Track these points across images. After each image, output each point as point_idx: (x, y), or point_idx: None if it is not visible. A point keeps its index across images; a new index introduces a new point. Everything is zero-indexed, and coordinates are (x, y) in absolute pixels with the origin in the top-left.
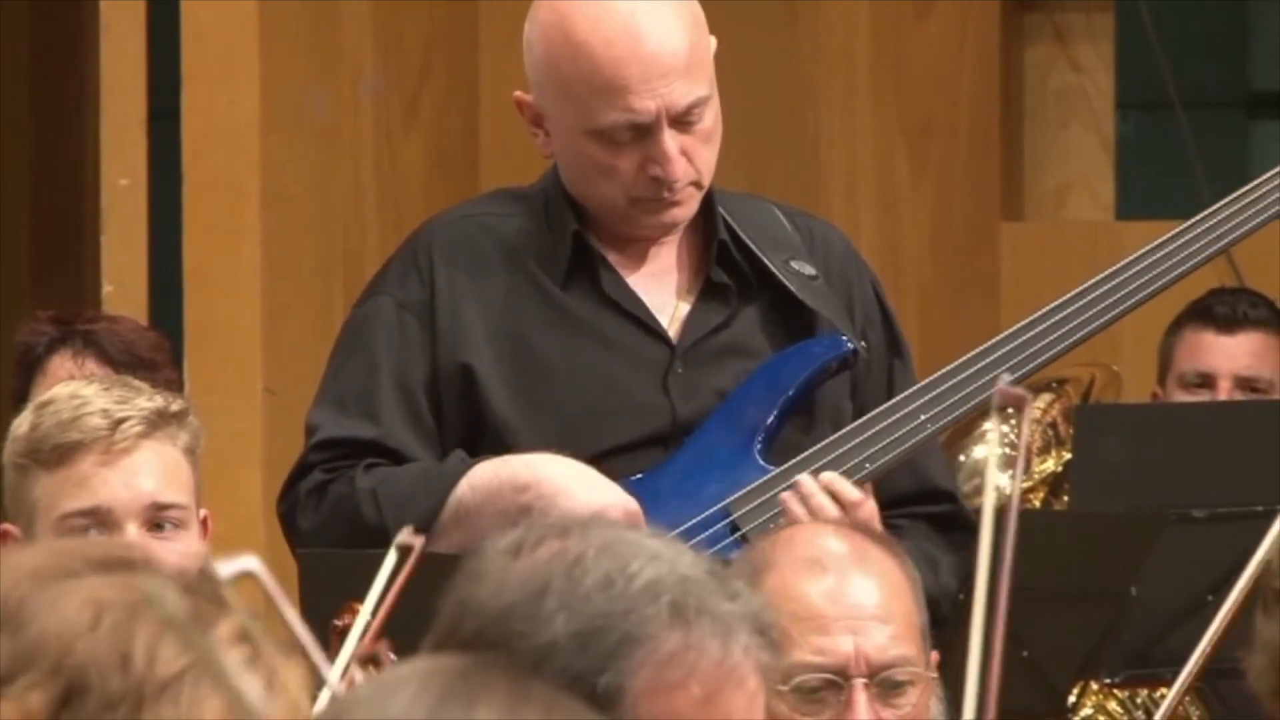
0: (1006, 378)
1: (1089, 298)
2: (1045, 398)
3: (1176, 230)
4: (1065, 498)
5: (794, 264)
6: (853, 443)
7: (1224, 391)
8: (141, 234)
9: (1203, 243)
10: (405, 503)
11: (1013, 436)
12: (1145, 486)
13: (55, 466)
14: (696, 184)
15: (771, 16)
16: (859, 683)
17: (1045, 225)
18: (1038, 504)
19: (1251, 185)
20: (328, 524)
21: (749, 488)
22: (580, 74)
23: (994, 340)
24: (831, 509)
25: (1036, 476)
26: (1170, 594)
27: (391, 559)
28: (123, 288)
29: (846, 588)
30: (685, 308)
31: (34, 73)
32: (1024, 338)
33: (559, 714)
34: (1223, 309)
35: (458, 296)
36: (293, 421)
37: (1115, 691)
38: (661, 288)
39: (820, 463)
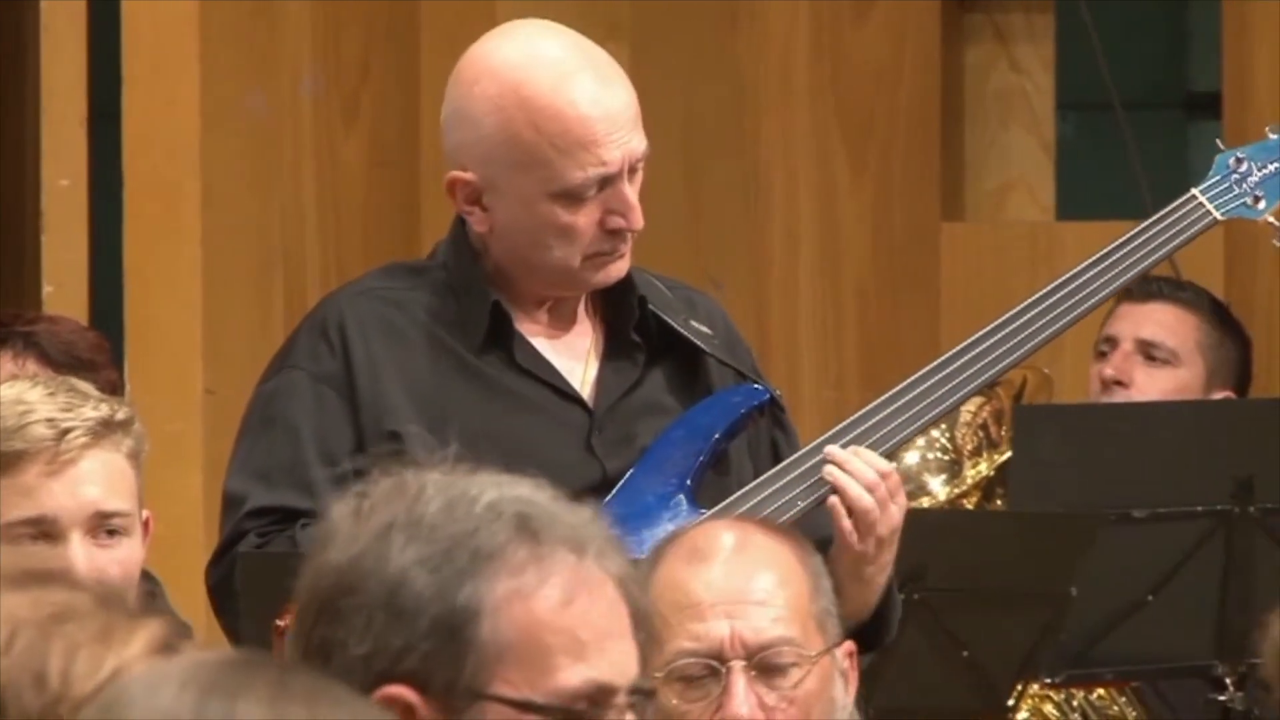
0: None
1: (1030, 314)
2: (975, 400)
3: (1111, 246)
4: (999, 501)
5: (694, 323)
6: (788, 478)
7: (1122, 354)
8: (82, 234)
9: (1137, 257)
10: None
11: (943, 440)
12: (1084, 487)
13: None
14: (635, 232)
15: (711, 17)
16: (736, 665)
17: (985, 226)
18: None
19: (1174, 205)
20: (227, 604)
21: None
22: (546, 137)
23: (930, 367)
24: (870, 475)
25: (969, 481)
26: (1109, 594)
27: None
28: (63, 288)
29: (724, 575)
30: (594, 369)
31: None
32: (952, 367)
33: (322, 707)
34: (1143, 284)
35: (377, 366)
36: (232, 422)
37: (1052, 694)
38: (569, 350)
39: (751, 503)
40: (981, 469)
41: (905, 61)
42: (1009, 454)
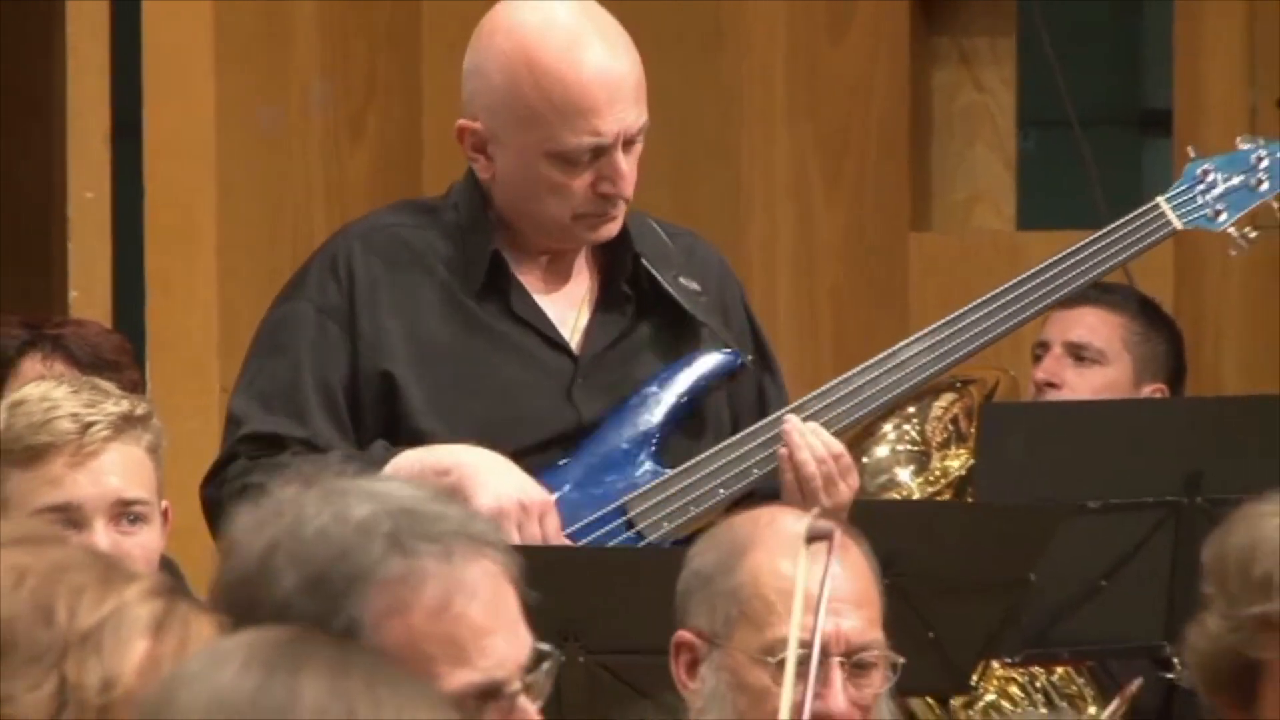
0: (815, 514)
1: (985, 310)
2: (948, 396)
3: (1073, 248)
4: (969, 497)
5: (682, 279)
6: (747, 447)
7: (1053, 357)
8: (105, 242)
9: (1096, 260)
10: None
11: (913, 433)
12: (1045, 481)
13: (27, 465)
14: (629, 198)
15: (698, 39)
16: (836, 661)
17: (951, 236)
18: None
19: (1137, 212)
20: (217, 512)
21: (644, 488)
22: (547, 99)
23: (892, 349)
24: (821, 449)
25: (941, 479)
26: (1066, 580)
27: None
28: (88, 293)
29: (832, 572)
30: (585, 319)
31: (4, 91)
32: (918, 349)
33: (380, 681)
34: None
35: (378, 305)
36: None
37: (1017, 675)
38: (565, 299)
39: (712, 467)
40: (950, 463)
41: (877, 82)
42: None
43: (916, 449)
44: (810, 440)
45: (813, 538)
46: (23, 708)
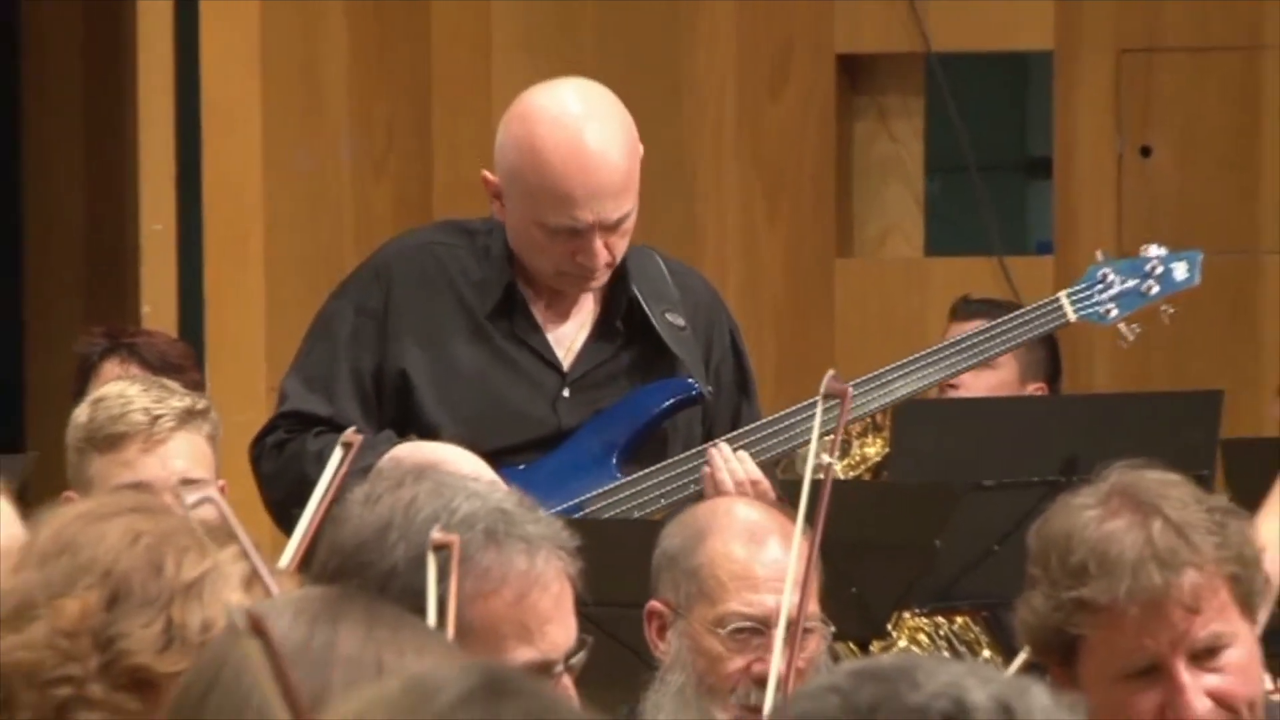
0: (832, 372)
1: (904, 371)
2: None
3: (985, 328)
4: (884, 475)
5: (669, 315)
6: (688, 465)
7: None
8: (171, 266)
9: (1002, 338)
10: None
11: (832, 425)
12: (948, 464)
13: (106, 451)
14: (610, 264)
15: (661, 94)
16: (776, 633)
17: (870, 261)
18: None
19: (1041, 303)
20: (282, 472)
21: (600, 489)
22: (537, 182)
23: (812, 400)
24: (741, 474)
25: (861, 464)
26: (966, 545)
27: (338, 454)
28: (157, 308)
29: (773, 556)
30: (580, 343)
31: (88, 138)
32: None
33: (406, 629)
34: (964, 304)
35: (406, 312)
36: None
37: (925, 624)
38: (567, 324)
39: (658, 479)
40: (868, 450)
41: (809, 133)
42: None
43: (840, 438)
44: (733, 466)
45: (828, 395)
46: (136, 642)
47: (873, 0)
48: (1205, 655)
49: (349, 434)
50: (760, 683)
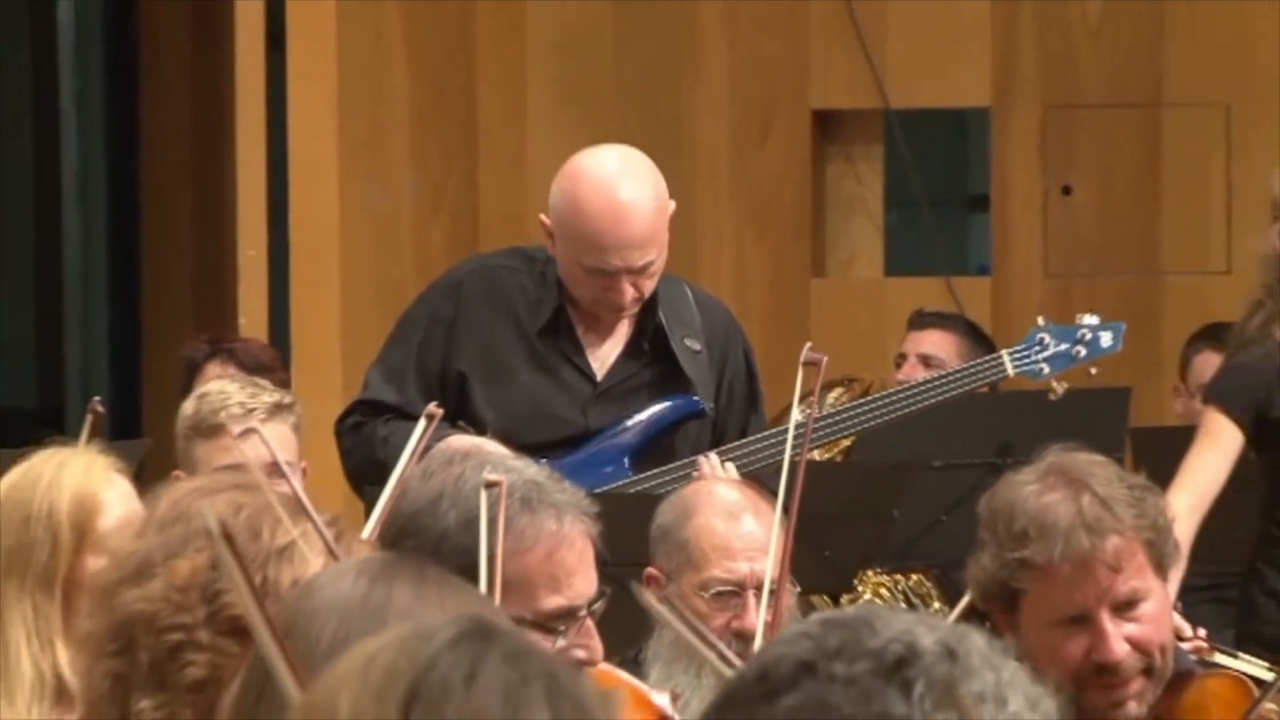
0: (809, 344)
1: (867, 408)
2: (839, 389)
3: (937, 376)
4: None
5: (687, 341)
6: (684, 471)
7: (910, 364)
8: (263, 284)
9: (951, 385)
10: (401, 448)
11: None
12: (906, 447)
13: (209, 438)
14: (638, 300)
15: (668, 144)
16: (751, 594)
17: (839, 280)
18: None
19: (987, 358)
20: (355, 450)
21: (613, 485)
22: (577, 230)
23: (794, 423)
24: (724, 477)
25: (834, 447)
26: (919, 515)
27: (421, 424)
28: (251, 319)
29: (750, 530)
30: (613, 359)
31: (195, 179)
32: (832, 419)
33: (449, 588)
34: (921, 316)
35: (470, 322)
36: None
37: (885, 581)
38: (605, 343)
39: (659, 480)
40: (843, 441)
41: (789, 175)
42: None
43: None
44: (718, 474)
45: (806, 362)
46: (245, 600)
47: (841, 64)
48: (1125, 607)
49: (432, 407)
50: (739, 636)
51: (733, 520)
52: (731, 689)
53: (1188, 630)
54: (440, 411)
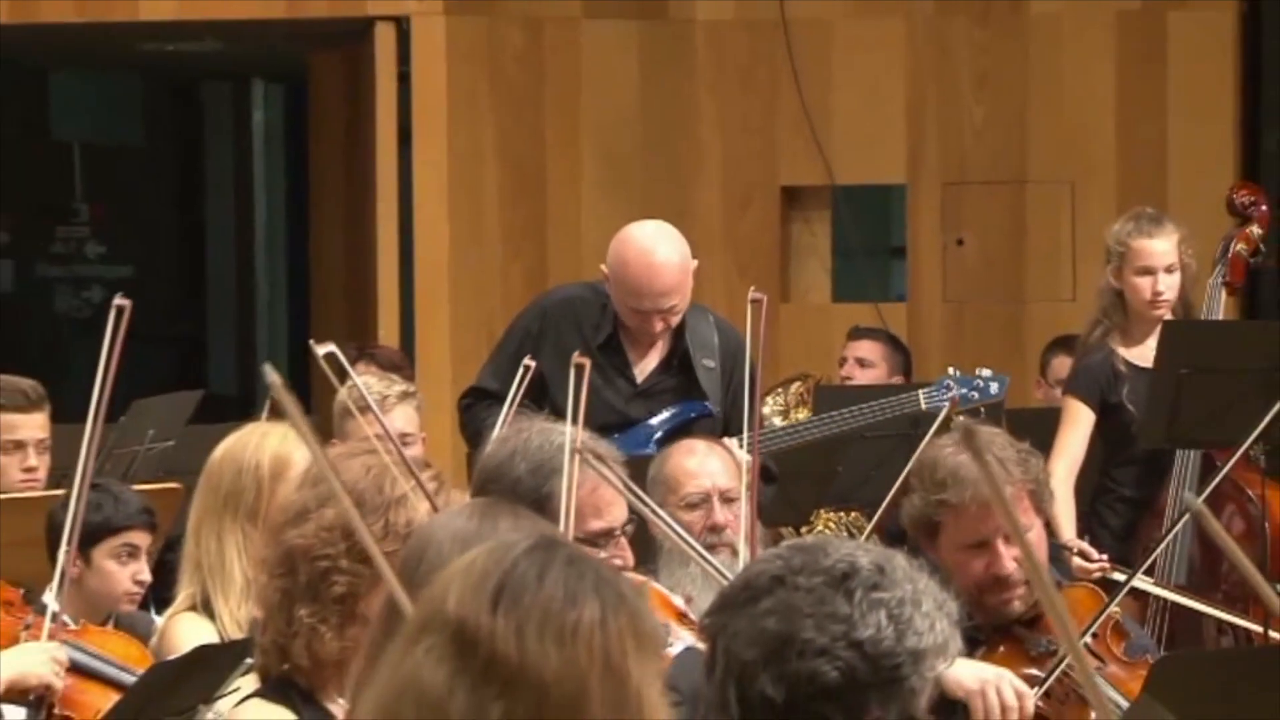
0: (753, 288)
1: (821, 424)
2: (797, 383)
3: (865, 405)
4: None
5: (705, 360)
6: None
7: (848, 366)
8: (395, 310)
9: (874, 411)
10: (492, 426)
11: (780, 401)
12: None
13: (356, 418)
14: (666, 330)
15: (671, 206)
16: (716, 499)
17: (799, 305)
18: None
19: (906, 395)
20: (466, 424)
21: (640, 456)
22: (622, 281)
23: (778, 427)
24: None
25: (797, 423)
26: (857, 469)
27: (573, 374)
28: (388, 333)
29: (704, 455)
30: (650, 370)
31: (347, 233)
32: (799, 429)
33: (529, 519)
34: (856, 330)
35: (550, 337)
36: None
37: (832, 517)
38: (645, 358)
39: None
40: (798, 416)
41: (765, 232)
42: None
43: (781, 409)
44: (735, 453)
45: (753, 300)
46: (364, 539)
47: (799, 154)
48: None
49: (578, 357)
50: (712, 529)
51: (693, 454)
52: (724, 594)
53: (1094, 554)
54: (588, 362)
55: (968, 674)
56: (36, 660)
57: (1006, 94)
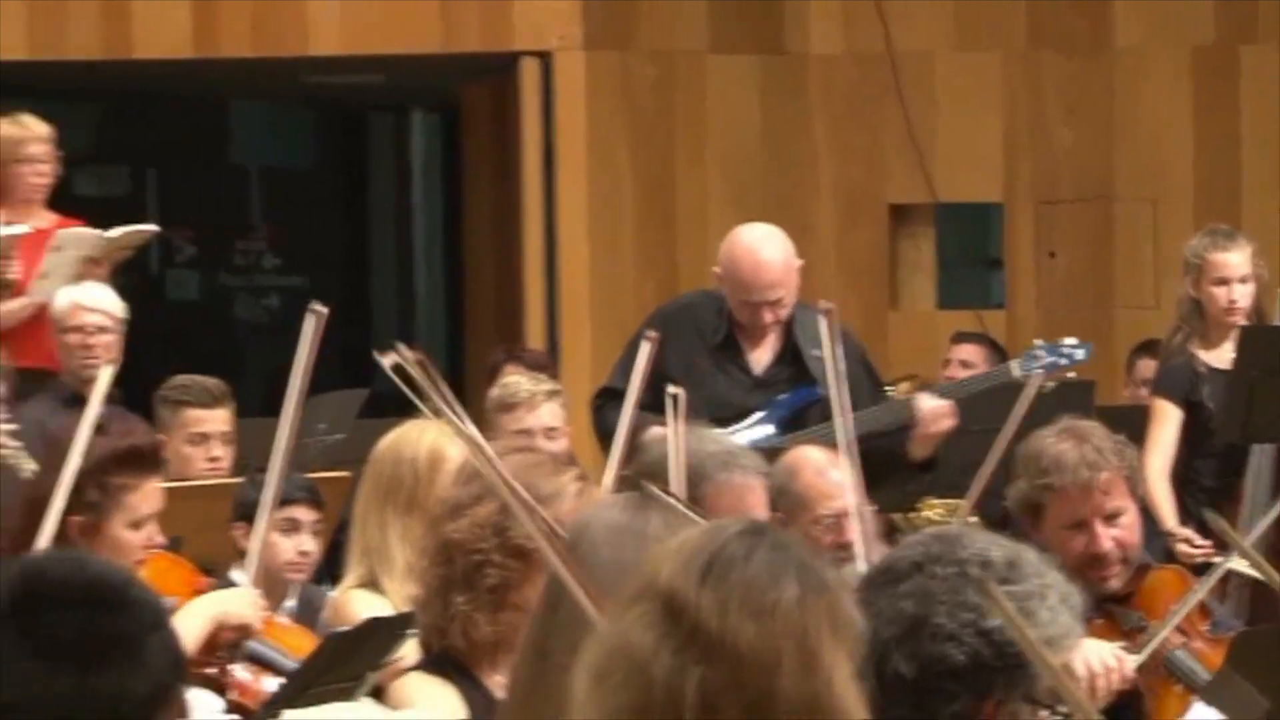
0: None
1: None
2: (905, 383)
3: (974, 376)
4: None
5: (814, 351)
6: (820, 431)
7: (952, 366)
8: (541, 316)
9: (979, 382)
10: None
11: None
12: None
13: (508, 412)
14: (776, 322)
15: (791, 223)
16: (849, 519)
17: (906, 312)
18: None
19: (999, 368)
20: (597, 423)
21: (764, 446)
22: (734, 277)
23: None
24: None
25: None
26: (962, 461)
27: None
28: (534, 338)
29: (839, 479)
30: (765, 363)
31: (497, 249)
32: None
33: (679, 513)
34: (957, 334)
35: (673, 339)
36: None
37: (938, 504)
38: (760, 352)
39: (805, 438)
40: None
41: (874, 246)
42: None
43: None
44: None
45: (825, 311)
46: (517, 529)
47: (906, 173)
48: (1110, 518)
49: (649, 333)
50: (840, 547)
51: (823, 474)
52: (868, 576)
53: (1198, 540)
54: (656, 336)
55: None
56: (241, 600)
57: (1093, 120)
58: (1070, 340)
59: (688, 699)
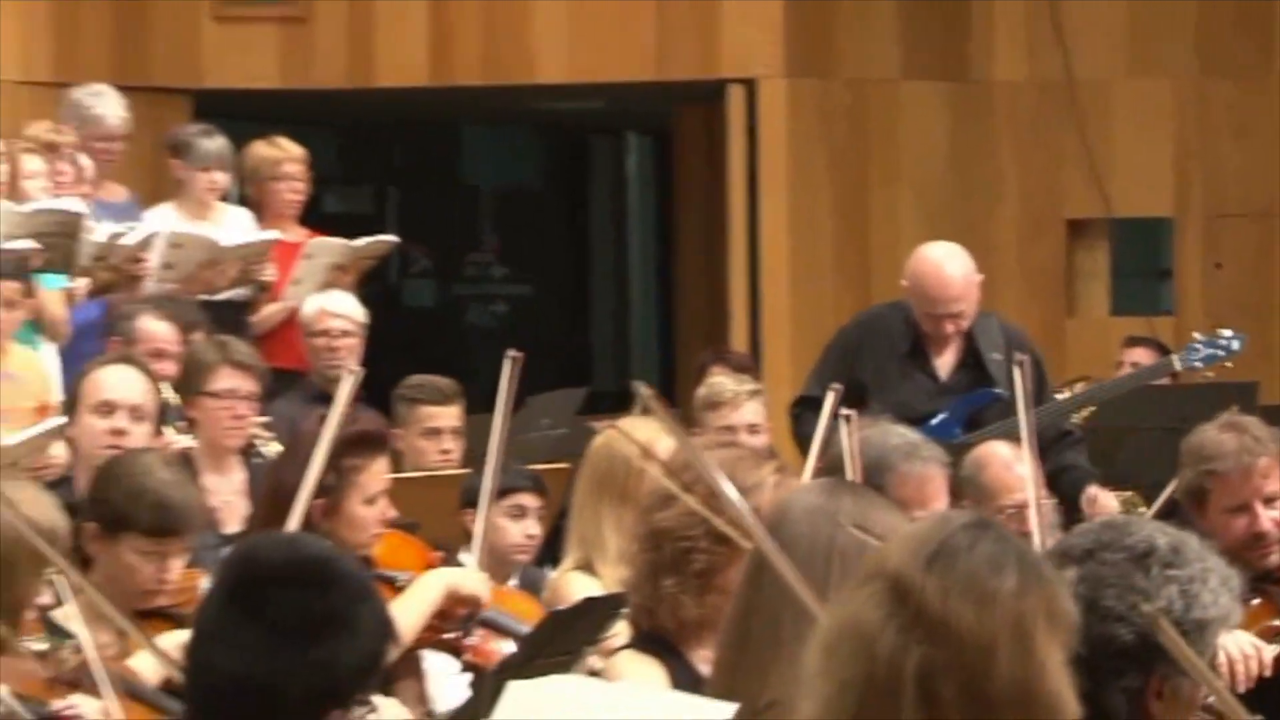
0: (1017, 355)
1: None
2: (1080, 383)
3: (1136, 372)
4: None
5: (993, 355)
6: (1001, 428)
7: (1124, 369)
8: (745, 323)
9: (1140, 376)
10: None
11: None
12: (1121, 417)
13: (714, 409)
14: (958, 331)
15: (974, 240)
16: (1026, 511)
17: (1083, 319)
18: None
19: (1162, 361)
20: (795, 432)
21: (950, 443)
22: (919, 292)
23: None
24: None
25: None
26: (1134, 456)
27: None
28: (737, 342)
29: (1024, 473)
30: (949, 368)
31: (706, 262)
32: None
33: (869, 495)
34: (1129, 338)
35: (864, 349)
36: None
37: (1114, 493)
38: (945, 358)
39: (987, 435)
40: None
41: (1051, 259)
42: None
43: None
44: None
45: (1018, 363)
46: (735, 512)
47: (1082, 190)
48: (1270, 500)
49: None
50: (1018, 535)
51: (1010, 469)
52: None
53: None
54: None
55: None
56: (473, 574)
57: (1258, 141)
58: (1226, 332)
59: (908, 675)
